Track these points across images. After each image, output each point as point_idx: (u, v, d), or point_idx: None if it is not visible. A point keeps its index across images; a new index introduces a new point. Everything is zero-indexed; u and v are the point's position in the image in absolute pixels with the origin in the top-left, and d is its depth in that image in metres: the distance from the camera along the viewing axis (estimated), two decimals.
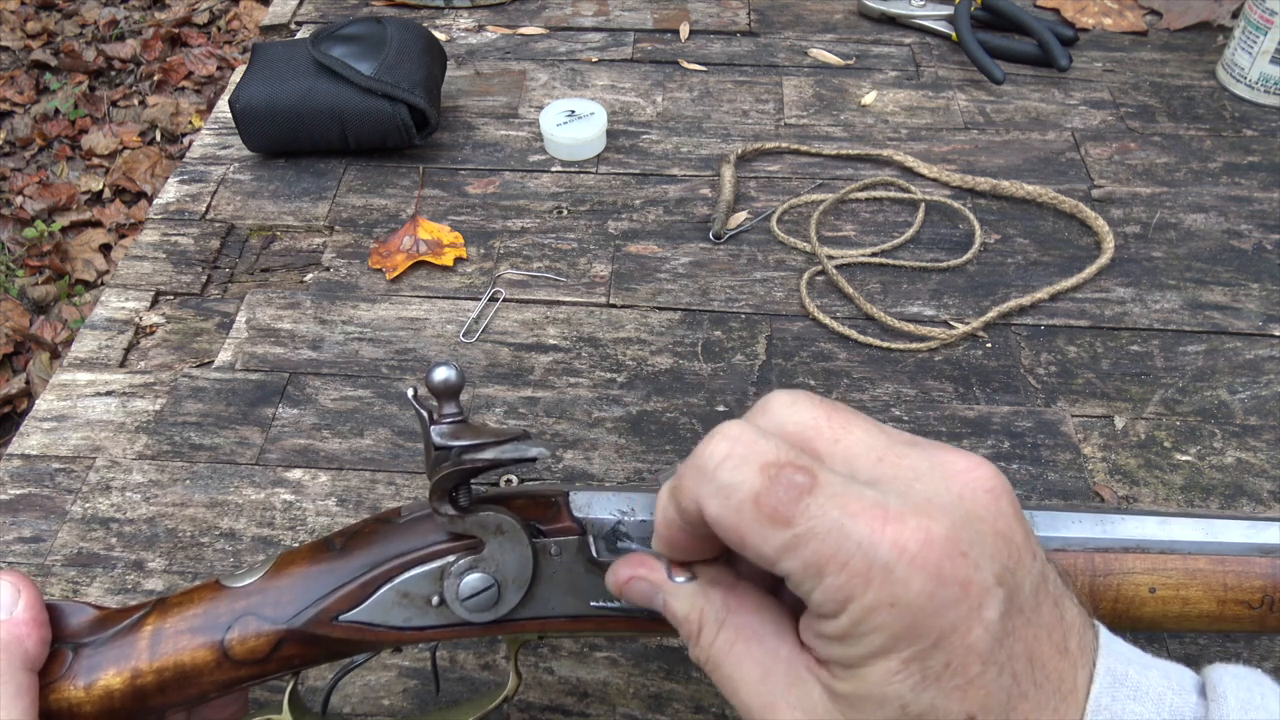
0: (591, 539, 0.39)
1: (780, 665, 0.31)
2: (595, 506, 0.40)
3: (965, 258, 0.81)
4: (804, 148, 0.91)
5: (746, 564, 0.33)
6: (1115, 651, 0.31)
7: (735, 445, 0.30)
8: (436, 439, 0.37)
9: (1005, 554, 0.29)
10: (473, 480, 0.39)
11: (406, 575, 0.40)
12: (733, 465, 0.30)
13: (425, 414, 0.37)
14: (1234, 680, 0.31)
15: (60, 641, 0.40)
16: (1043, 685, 0.30)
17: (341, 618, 0.40)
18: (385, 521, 0.41)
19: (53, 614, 0.40)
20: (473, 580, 0.39)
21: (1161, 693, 0.31)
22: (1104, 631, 0.32)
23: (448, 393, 0.37)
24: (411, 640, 0.41)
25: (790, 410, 0.32)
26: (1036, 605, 0.30)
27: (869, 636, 0.28)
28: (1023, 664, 0.29)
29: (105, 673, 0.39)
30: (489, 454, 0.36)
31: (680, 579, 0.34)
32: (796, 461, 0.29)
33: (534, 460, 0.36)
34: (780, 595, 0.34)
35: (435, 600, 0.40)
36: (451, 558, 0.39)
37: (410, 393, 0.37)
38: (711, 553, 0.34)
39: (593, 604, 0.40)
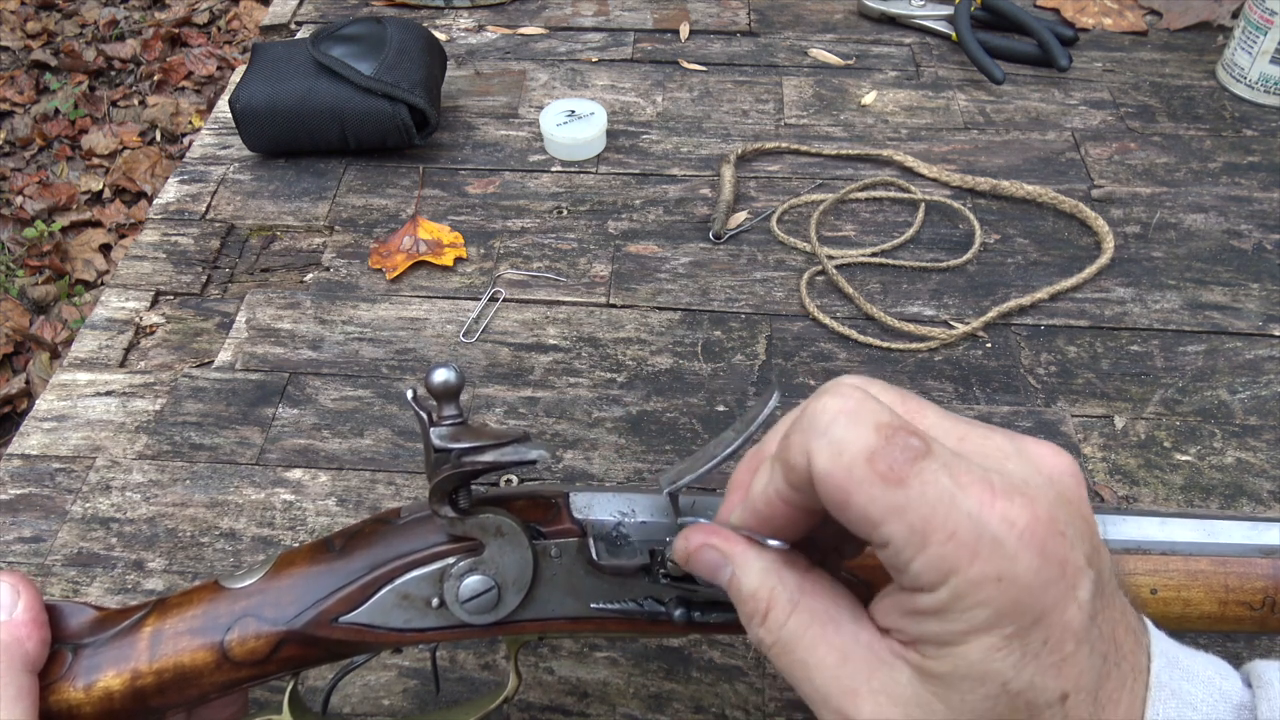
0: (592, 541, 0.39)
1: (861, 649, 0.30)
2: (595, 508, 0.40)
3: (965, 258, 0.81)
4: (804, 148, 0.91)
5: (817, 554, 0.33)
6: (1162, 637, 0.32)
7: (848, 402, 0.29)
8: (436, 441, 0.36)
9: (1091, 535, 0.30)
10: (472, 482, 0.38)
11: (406, 577, 0.40)
12: (847, 420, 0.29)
13: (425, 416, 0.37)
14: (1277, 671, 0.31)
15: (60, 642, 0.40)
16: (1120, 664, 0.30)
17: (341, 619, 0.40)
18: (385, 522, 0.41)
19: (52, 615, 0.40)
20: (473, 582, 0.39)
21: (1210, 676, 0.31)
22: (1145, 619, 0.33)
23: (447, 394, 0.37)
24: (411, 641, 0.41)
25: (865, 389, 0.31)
26: (1113, 590, 0.30)
27: (972, 611, 0.28)
28: (1108, 644, 0.29)
29: (105, 674, 0.39)
30: (489, 457, 0.36)
31: (775, 543, 0.33)
32: (909, 427, 0.29)
33: (534, 463, 0.36)
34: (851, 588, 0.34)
35: (435, 602, 0.40)
36: (451, 560, 0.39)
37: (409, 394, 0.37)
38: (797, 531, 0.33)
39: (593, 605, 0.40)
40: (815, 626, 0.31)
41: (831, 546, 0.36)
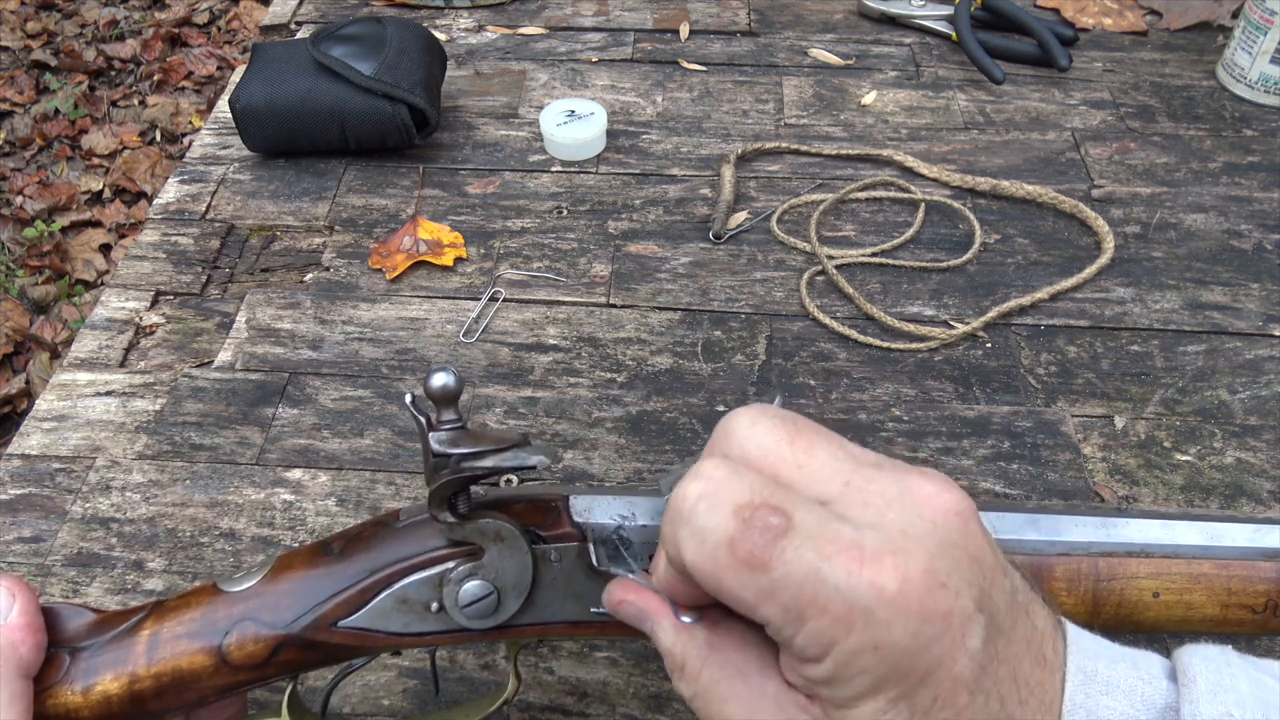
0: (592, 545, 0.39)
1: (768, 703, 0.31)
2: (595, 511, 0.40)
3: (965, 258, 0.81)
4: (804, 148, 0.91)
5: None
6: (1083, 648, 0.31)
7: (708, 485, 0.29)
8: (435, 446, 0.36)
9: (980, 577, 0.29)
10: (472, 486, 0.38)
11: (405, 581, 0.39)
12: (706, 508, 0.29)
13: (423, 420, 0.37)
14: (1204, 663, 0.31)
15: (57, 646, 0.40)
16: (1027, 701, 0.30)
17: (340, 623, 0.40)
18: (384, 525, 0.41)
19: (49, 618, 0.40)
20: (472, 587, 0.39)
21: (1133, 684, 0.31)
22: (1070, 628, 0.32)
23: (446, 399, 0.37)
24: (410, 645, 0.41)
25: (751, 431, 0.31)
26: (1013, 622, 0.30)
27: (855, 679, 0.28)
28: (1008, 685, 0.29)
29: (102, 677, 0.39)
30: (488, 462, 0.36)
31: (687, 619, 0.34)
32: (770, 501, 0.29)
33: (534, 468, 0.36)
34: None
35: (434, 606, 0.40)
36: (451, 564, 0.39)
37: (408, 399, 0.37)
38: (708, 599, 0.32)
39: (593, 610, 0.40)
40: (724, 682, 0.32)
41: None
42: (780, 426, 0.31)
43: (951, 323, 0.76)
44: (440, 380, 0.36)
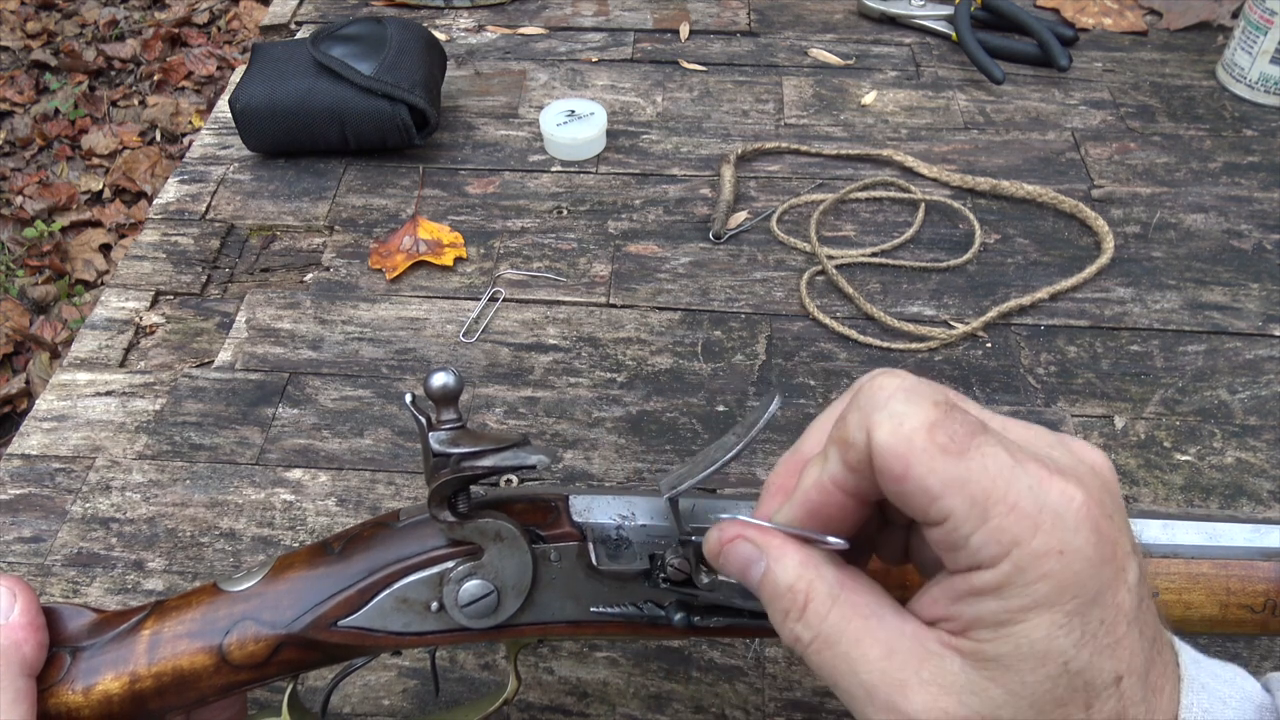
0: (591, 545, 0.39)
1: (907, 641, 0.30)
2: (595, 511, 0.40)
3: (965, 258, 0.81)
4: (804, 148, 0.91)
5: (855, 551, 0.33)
6: (1174, 636, 0.32)
7: (905, 381, 0.29)
8: (435, 446, 0.36)
9: (1129, 528, 0.30)
10: (471, 486, 0.38)
11: (405, 581, 0.39)
12: (905, 396, 0.29)
13: (423, 420, 0.37)
14: None
15: (58, 645, 0.40)
16: (1163, 651, 0.30)
17: (340, 623, 0.40)
18: (384, 525, 0.41)
19: (50, 617, 0.40)
20: (472, 587, 0.39)
21: (1231, 676, 0.31)
22: None
23: (446, 399, 0.37)
24: (410, 645, 0.41)
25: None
26: (1147, 582, 0.31)
27: (1034, 585, 0.27)
28: (1152, 629, 0.30)
29: (103, 677, 0.39)
30: (488, 461, 0.36)
31: (837, 540, 0.32)
32: (965, 404, 0.29)
33: (534, 468, 0.36)
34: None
35: (434, 606, 0.40)
36: (450, 564, 0.39)
37: (408, 399, 0.37)
38: (848, 525, 0.32)
39: (593, 609, 0.40)
40: (857, 620, 0.30)
41: (869, 551, 0.35)
42: (929, 382, 0.32)
43: (951, 323, 0.76)
44: (440, 380, 0.36)
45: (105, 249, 2.05)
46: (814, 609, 0.31)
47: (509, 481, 0.43)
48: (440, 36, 1.03)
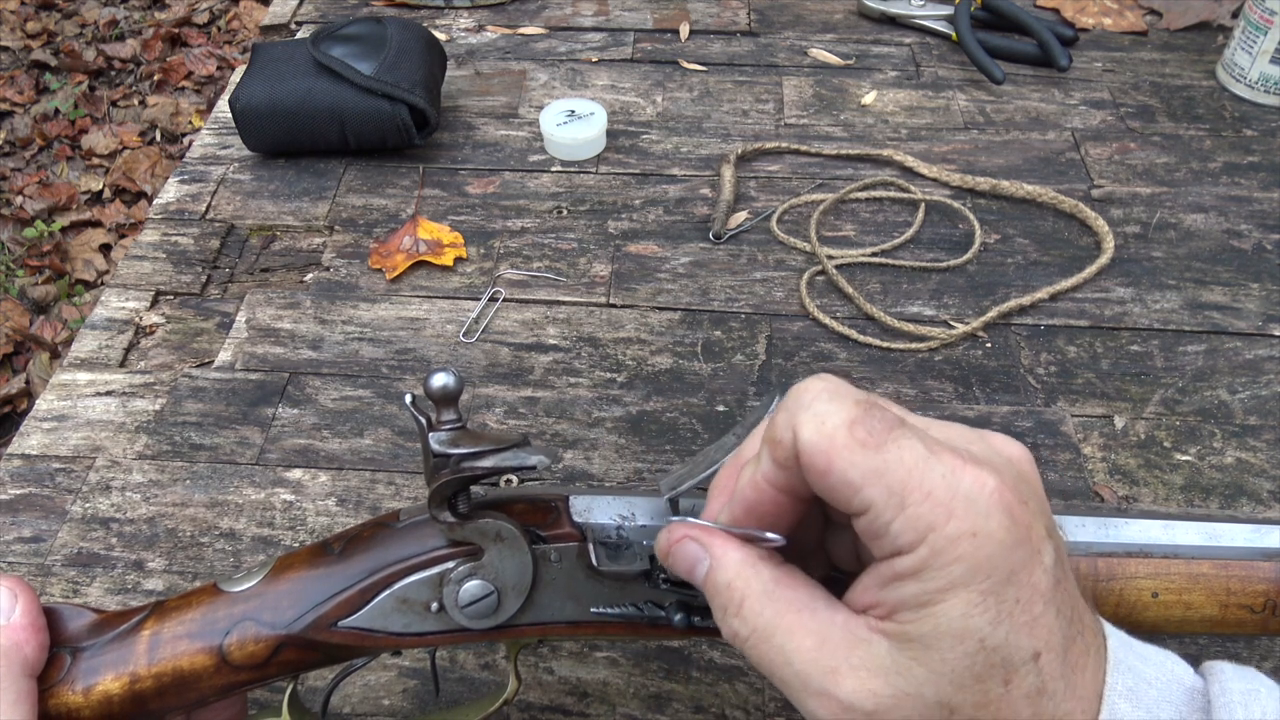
0: (591, 546, 0.39)
1: (837, 630, 0.31)
2: (595, 511, 0.40)
3: (965, 258, 0.81)
4: (804, 148, 0.91)
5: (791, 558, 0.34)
6: (1107, 624, 0.33)
7: (829, 383, 0.32)
8: (435, 446, 0.36)
9: (1048, 515, 0.31)
10: (472, 486, 0.38)
11: (405, 581, 0.39)
12: (829, 396, 0.31)
13: (423, 421, 0.37)
14: (1228, 663, 0.33)
15: (58, 646, 0.40)
16: (1084, 632, 0.31)
17: (340, 624, 0.40)
18: (384, 525, 0.41)
19: (50, 618, 0.40)
20: (472, 587, 0.39)
21: (1161, 660, 0.32)
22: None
23: (446, 399, 0.37)
24: (410, 645, 0.41)
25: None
26: (1068, 569, 0.32)
27: (949, 567, 0.29)
28: (1071, 610, 0.31)
29: (104, 677, 0.39)
30: (488, 462, 0.36)
31: (774, 536, 0.33)
32: (885, 402, 0.31)
33: (534, 469, 0.36)
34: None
35: (434, 607, 0.40)
36: (451, 564, 0.39)
37: (408, 399, 0.37)
38: (784, 521, 0.34)
39: (593, 610, 0.40)
40: (790, 614, 0.32)
41: (824, 557, 0.37)
42: (853, 390, 0.33)
43: (951, 323, 0.76)
44: (440, 381, 0.36)
45: (105, 249, 2.05)
46: (750, 605, 0.33)
47: (509, 482, 0.43)
48: (440, 36, 1.03)
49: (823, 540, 0.37)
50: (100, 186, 2.18)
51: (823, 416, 0.30)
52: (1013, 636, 0.29)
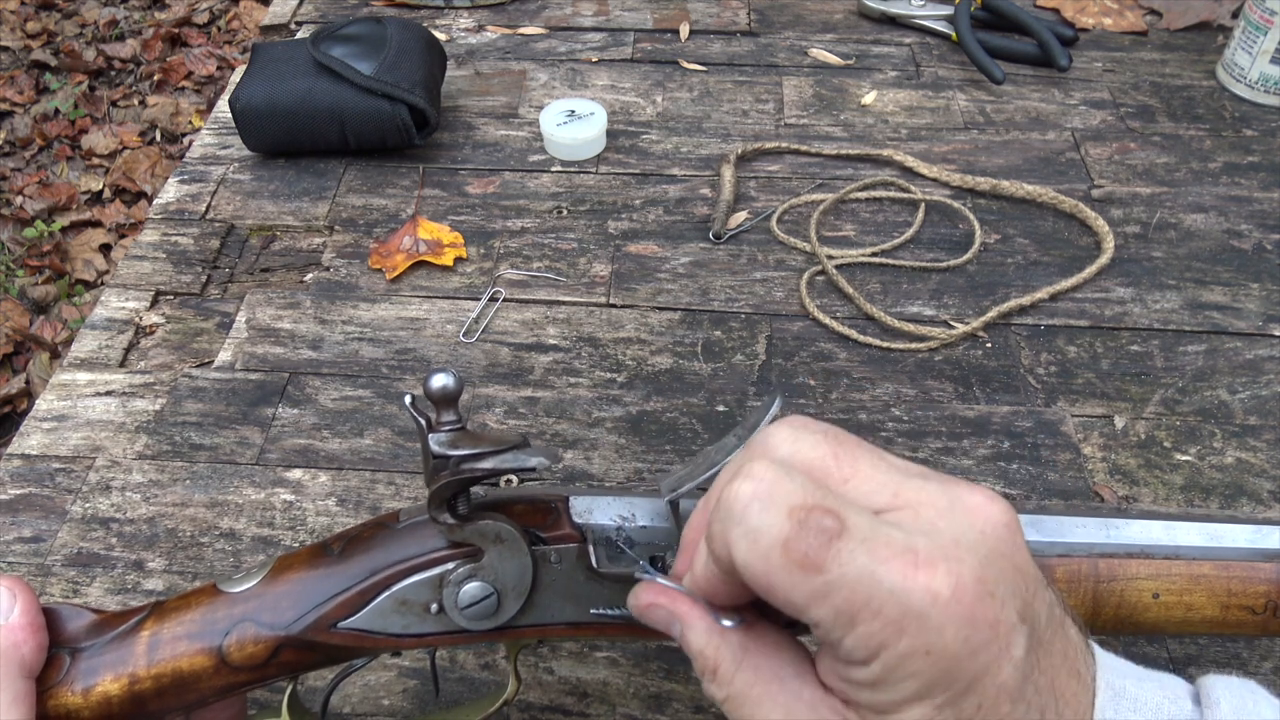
0: (591, 547, 0.39)
1: (803, 707, 0.31)
2: (595, 512, 0.40)
3: (965, 258, 0.81)
4: (804, 148, 0.91)
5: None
6: (1111, 666, 0.32)
7: (760, 485, 0.29)
8: (435, 447, 0.36)
9: (1024, 589, 0.29)
10: (471, 487, 0.38)
11: (405, 583, 0.39)
12: (759, 508, 0.29)
13: (423, 422, 0.37)
14: (1227, 689, 0.32)
15: (57, 646, 0.40)
16: (1063, 713, 0.30)
17: (340, 625, 0.40)
18: (384, 527, 0.41)
19: (50, 618, 0.40)
20: (472, 589, 0.39)
21: (1159, 703, 0.31)
22: (1096, 646, 0.33)
23: (445, 400, 0.37)
24: (410, 646, 0.41)
25: (794, 446, 0.31)
26: (1052, 635, 0.30)
27: (903, 683, 0.28)
28: (1047, 696, 0.29)
29: (103, 678, 0.39)
30: (488, 464, 0.36)
31: (728, 622, 0.33)
32: (824, 504, 0.28)
33: (533, 469, 0.36)
34: (798, 633, 0.34)
35: (434, 608, 0.40)
36: (450, 565, 0.39)
37: (408, 400, 0.37)
38: (745, 598, 0.32)
39: (593, 611, 0.40)
40: (759, 685, 0.32)
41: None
42: (823, 440, 0.31)
43: (951, 323, 0.76)
44: (440, 382, 0.36)
45: (105, 249, 2.05)
46: (722, 672, 0.32)
47: (509, 482, 0.43)
48: (440, 36, 1.03)
49: None
50: (100, 186, 2.18)
51: (755, 535, 0.28)
52: None
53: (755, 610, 0.34)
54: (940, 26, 1.04)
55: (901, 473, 0.31)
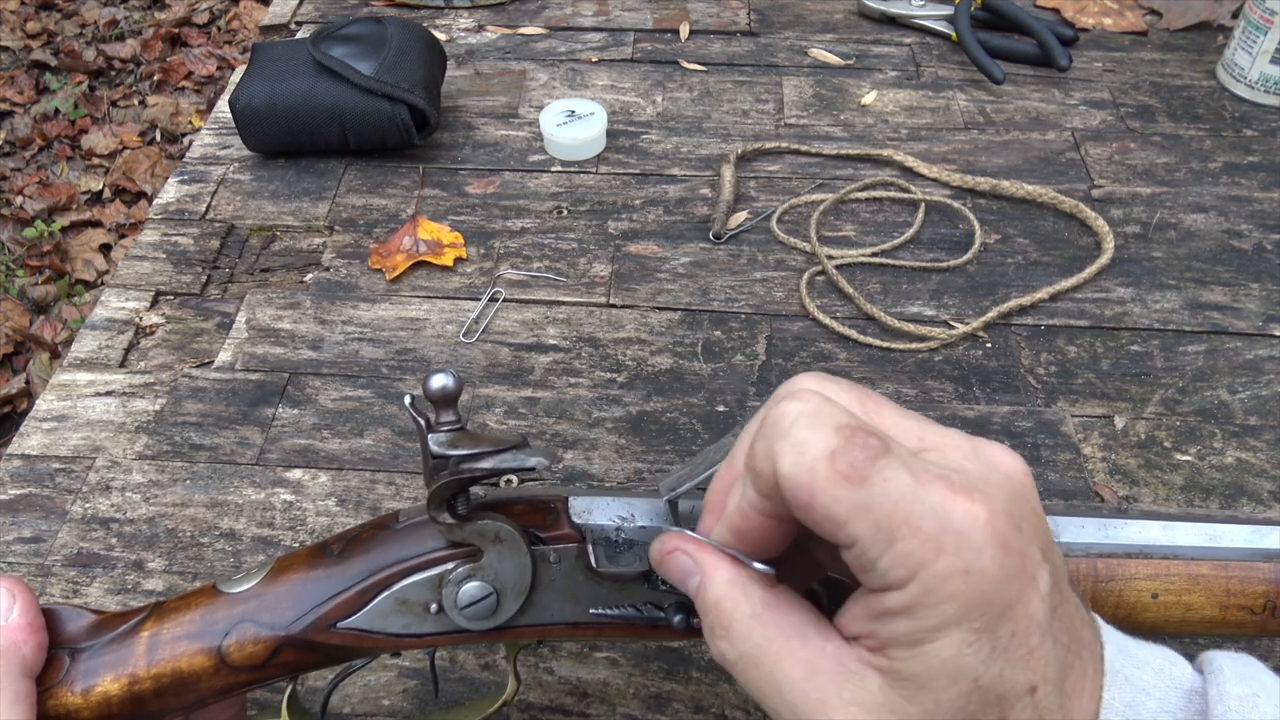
0: (591, 547, 0.39)
1: (828, 660, 0.30)
2: (595, 512, 0.40)
3: (965, 258, 0.81)
4: (804, 148, 0.91)
5: (784, 566, 0.33)
6: (1110, 628, 0.33)
7: (808, 405, 0.30)
8: (434, 448, 0.36)
9: (1044, 534, 0.30)
10: (471, 487, 0.38)
11: (404, 583, 0.39)
12: (807, 423, 0.29)
13: (423, 422, 0.37)
14: (1229, 659, 0.32)
15: (57, 647, 0.40)
16: (1081, 654, 0.30)
17: (339, 625, 0.40)
18: (383, 527, 0.41)
19: (49, 619, 0.40)
20: (471, 589, 0.39)
21: (1160, 664, 0.32)
22: (1092, 613, 0.33)
23: (445, 400, 0.37)
24: (410, 646, 0.41)
25: (824, 389, 0.31)
26: (1067, 584, 0.31)
27: (941, 606, 0.28)
28: (1069, 635, 0.30)
29: (103, 678, 0.39)
30: (488, 464, 0.36)
31: (761, 566, 0.32)
32: (868, 427, 0.29)
33: (533, 470, 0.36)
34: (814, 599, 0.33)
35: (433, 608, 0.40)
36: (450, 565, 0.39)
37: (407, 400, 0.37)
38: (776, 544, 0.32)
39: (592, 611, 0.40)
40: (780, 640, 0.31)
41: (811, 566, 0.36)
42: (849, 388, 0.32)
43: (951, 323, 0.76)
44: (439, 382, 0.36)
45: (105, 249, 2.05)
46: (738, 628, 0.32)
47: (509, 482, 0.43)
48: (440, 36, 1.03)
49: (816, 550, 0.36)
50: (100, 186, 2.18)
51: (802, 447, 0.29)
52: (1008, 673, 0.28)
53: (774, 575, 0.33)
54: (940, 26, 1.04)
55: (924, 421, 0.32)
